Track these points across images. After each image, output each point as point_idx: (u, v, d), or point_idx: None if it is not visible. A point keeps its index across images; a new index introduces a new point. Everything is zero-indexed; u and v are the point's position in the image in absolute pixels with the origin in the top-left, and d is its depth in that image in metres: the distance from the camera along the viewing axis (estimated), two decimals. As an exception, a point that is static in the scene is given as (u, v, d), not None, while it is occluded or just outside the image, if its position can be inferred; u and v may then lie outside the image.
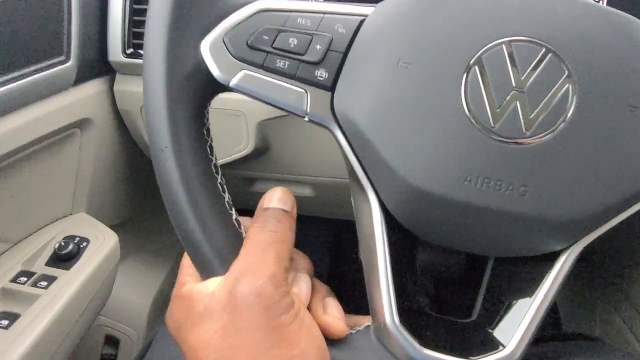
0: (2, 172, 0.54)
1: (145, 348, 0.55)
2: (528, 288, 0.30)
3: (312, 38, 0.30)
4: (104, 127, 0.65)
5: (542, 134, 0.27)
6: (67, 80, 0.58)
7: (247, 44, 0.31)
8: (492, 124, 0.27)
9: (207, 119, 0.32)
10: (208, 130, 0.32)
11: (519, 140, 0.27)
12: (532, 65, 0.27)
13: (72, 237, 0.61)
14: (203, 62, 0.31)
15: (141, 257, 0.85)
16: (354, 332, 0.31)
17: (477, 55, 0.27)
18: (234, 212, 0.32)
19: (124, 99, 0.65)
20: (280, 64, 0.30)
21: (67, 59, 0.57)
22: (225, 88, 0.32)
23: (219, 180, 0.32)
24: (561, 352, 0.47)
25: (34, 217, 0.62)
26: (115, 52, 0.61)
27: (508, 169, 0.27)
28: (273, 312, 0.27)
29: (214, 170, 0.31)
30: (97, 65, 0.62)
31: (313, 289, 0.32)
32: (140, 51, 0.62)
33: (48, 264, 0.58)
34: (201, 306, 0.28)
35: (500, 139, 0.27)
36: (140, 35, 0.61)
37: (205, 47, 0.31)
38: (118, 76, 0.65)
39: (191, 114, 0.31)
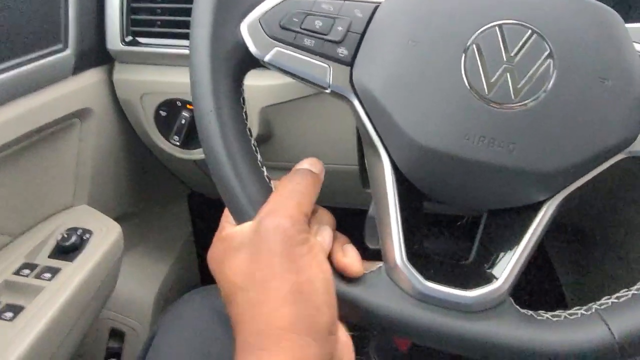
0: (2, 164, 0.53)
1: (149, 341, 0.54)
2: (516, 235, 0.35)
3: (334, 21, 0.35)
4: (103, 116, 0.64)
5: (527, 101, 0.32)
6: (66, 69, 0.57)
7: (280, 25, 0.36)
8: (487, 93, 0.32)
9: (243, 90, 0.38)
10: (244, 99, 0.37)
11: (508, 106, 0.32)
12: (520, 45, 0.32)
13: (75, 229, 0.60)
14: (242, 40, 0.36)
15: (144, 249, 0.84)
16: (368, 272, 0.36)
17: (474, 36, 0.33)
18: (264, 169, 0.37)
19: (123, 88, 0.64)
20: (307, 42, 0.35)
21: (65, 47, 0.56)
22: (259, 63, 0.36)
23: (253, 142, 0.37)
24: None
25: (35, 210, 0.61)
26: (114, 40, 0.60)
27: (499, 129, 0.32)
28: (288, 244, 0.32)
29: (248, 133, 0.36)
30: (95, 53, 0.61)
31: (334, 238, 0.38)
32: (138, 39, 0.61)
33: (51, 256, 0.57)
34: (236, 242, 0.34)
35: (493, 105, 0.32)
36: (138, 23, 0.60)
37: (244, 28, 0.36)
38: (117, 65, 0.64)
39: (231, 84, 0.36)
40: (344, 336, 0.34)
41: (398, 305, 0.34)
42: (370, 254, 0.38)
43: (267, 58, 0.36)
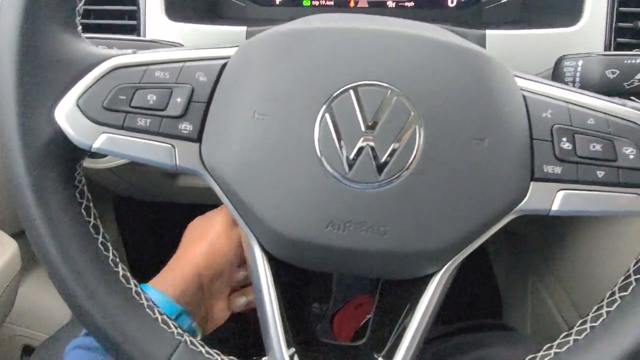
0: None
1: None
2: (409, 309, 0.31)
3: (172, 91, 0.29)
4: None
5: (395, 176, 0.28)
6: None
7: (104, 106, 0.29)
8: (347, 171, 0.28)
9: (80, 181, 0.32)
10: (82, 192, 0.32)
11: (373, 185, 0.28)
12: (379, 109, 0.28)
13: (-36, 247, 0.56)
14: (61, 129, 0.30)
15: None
16: None
17: (327, 103, 0.28)
18: (120, 268, 0.32)
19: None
20: (142, 122, 0.29)
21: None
22: (90, 151, 0.31)
23: (100, 239, 0.32)
24: (476, 344, 0.47)
25: None
26: None
27: (366, 212, 0.28)
28: None
29: (93, 232, 0.31)
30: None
31: None
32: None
33: None
34: None
35: (356, 185, 0.28)
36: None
37: (60, 114, 0.29)
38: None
39: (57, 182, 0.30)
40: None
41: None
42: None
43: (94, 147, 0.30)
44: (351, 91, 0.28)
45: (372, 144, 0.28)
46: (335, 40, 0.29)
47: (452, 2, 0.58)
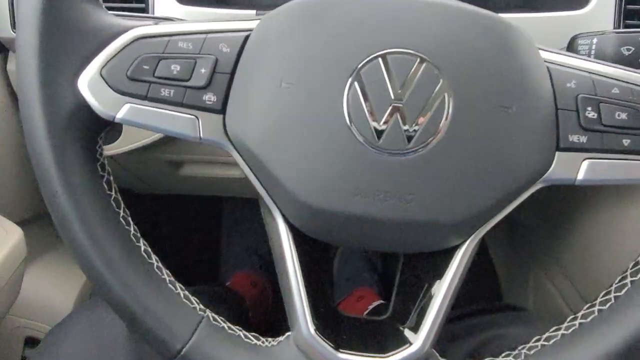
0: None
1: None
2: (433, 282, 0.31)
3: (195, 62, 0.29)
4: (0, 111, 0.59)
5: (423, 144, 0.28)
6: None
7: (127, 76, 0.29)
8: (376, 139, 0.28)
9: (101, 154, 0.32)
10: (103, 165, 0.32)
11: (402, 153, 0.28)
12: (408, 77, 0.28)
13: (-32, 235, 0.55)
14: (84, 98, 0.29)
15: (62, 252, 0.79)
16: (275, 343, 0.32)
17: (355, 71, 0.28)
18: (141, 244, 0.32)
19: (19, 79, 0.59)
20: (165, 92, 0.29)
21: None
22: (113, 122, 0.30)
23: (122, 214, 0.32)
24: (487, 325, 0.47)
25: None
26: (4, 28, 0.55)
27: (394, 181, 0.28)
28: None
29: (114, 206, 0.32)
30: (-16, 42, 0.56)
31: None
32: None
33: (-61, 265, 0.52)
34: None
35: (384, 153, 0.28)
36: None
37: (83, 84, 0.29)
38: (11, 55, 0.58)
39: (80, 153, 0.30)
40: None
41: None
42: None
43: (118, 117, 0.29)
44: (380, 59, 0.28)
45: (401, 112, 0.28)
46: (363, 8, 0.28)
47: (459, -13, 0.58)
